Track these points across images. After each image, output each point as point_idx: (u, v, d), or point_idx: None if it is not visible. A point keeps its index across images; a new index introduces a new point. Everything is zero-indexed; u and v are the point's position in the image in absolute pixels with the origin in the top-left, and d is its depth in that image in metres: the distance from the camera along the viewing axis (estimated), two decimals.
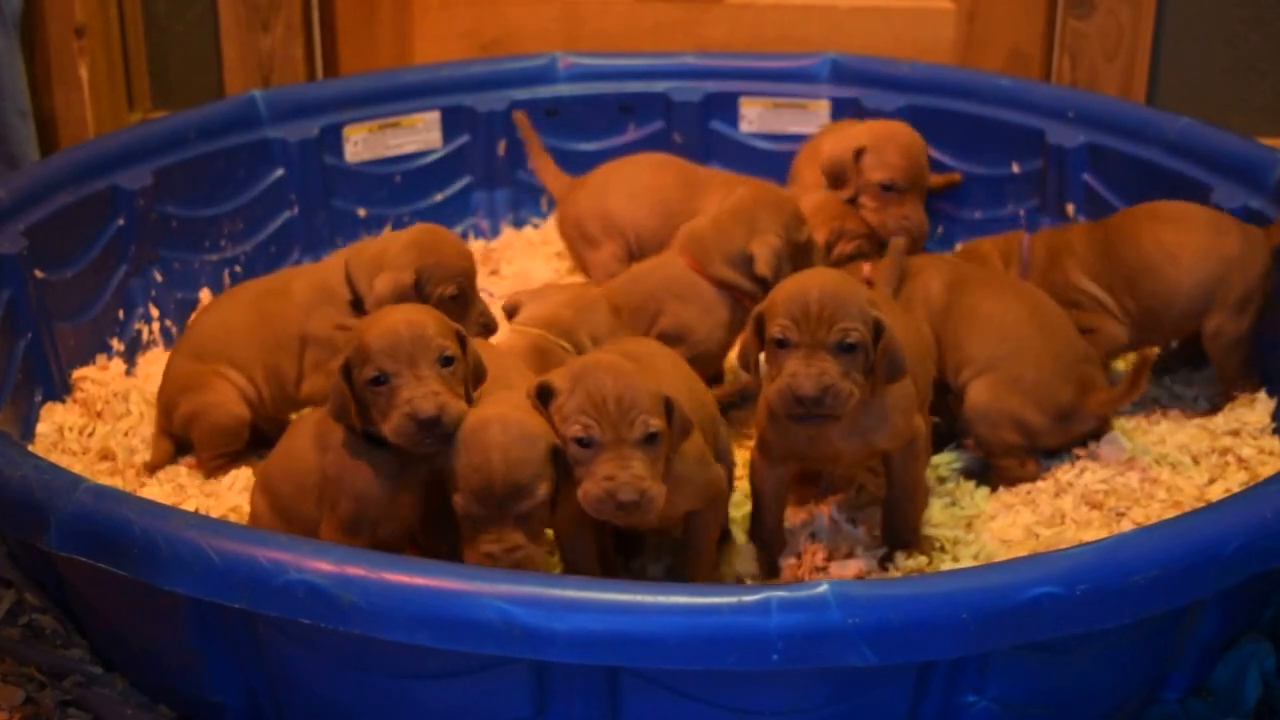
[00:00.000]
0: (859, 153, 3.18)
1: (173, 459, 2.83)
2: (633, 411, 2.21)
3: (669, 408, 2.25)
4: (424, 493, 2.33)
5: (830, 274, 2.43)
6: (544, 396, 2.26)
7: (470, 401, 2.29)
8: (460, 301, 2.62)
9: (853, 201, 3.20)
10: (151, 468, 2.81)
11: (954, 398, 2.84)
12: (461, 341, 2.30)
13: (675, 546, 2.56)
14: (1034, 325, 2.80)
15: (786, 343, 2.33)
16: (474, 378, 2.33)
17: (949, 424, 2.85)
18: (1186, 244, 2.91)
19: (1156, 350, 2.74)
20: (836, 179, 3.22)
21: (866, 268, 3.03)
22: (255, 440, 2.86)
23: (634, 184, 3.31)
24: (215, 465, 2.80)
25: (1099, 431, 2.83)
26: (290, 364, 2.79)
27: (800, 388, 2.30)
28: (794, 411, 2.33)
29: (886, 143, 3.19)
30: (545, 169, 3.48)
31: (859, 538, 2.61)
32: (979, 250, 3.15)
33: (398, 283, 2.60)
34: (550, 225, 3.72)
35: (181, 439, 2.84)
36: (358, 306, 2.69)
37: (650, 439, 2.22)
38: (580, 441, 2.22)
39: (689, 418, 2.30)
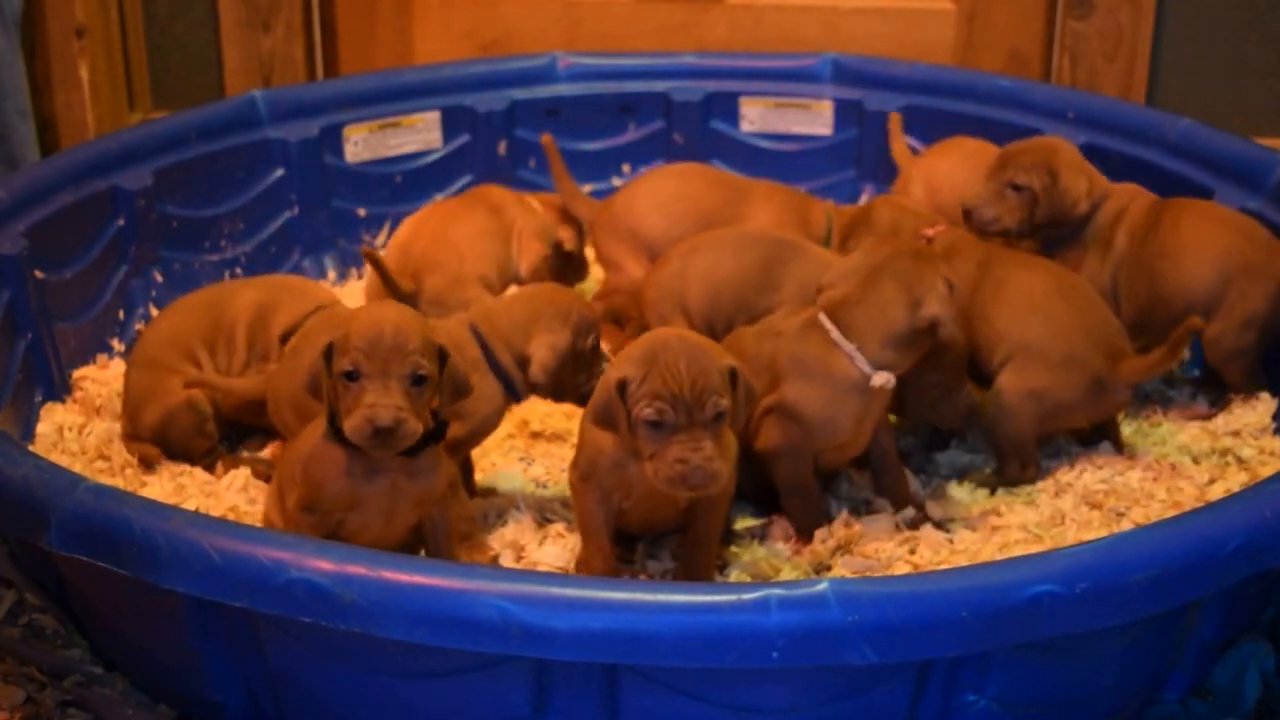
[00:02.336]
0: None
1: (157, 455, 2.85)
2: (705, 394, 2.25)
3: (734, 378, 2.31)
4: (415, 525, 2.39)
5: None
6: (621, 388, 2.30)
7: (434, 421, 2.33)
8: (595, 350, 2.66)
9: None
10: (146, 462, 2.82)
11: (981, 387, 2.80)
12: (442, 360, 2.32)
13: (675, 544, 2.57)
14: (1062, 296, 2.77)
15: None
16: (454, 393, 2.35)
17: (946, 424, 2.83)
18: (1212, 238, 2.90)
19: (1200, 321, 2.68)
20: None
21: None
22: (243, 433, 2.89)
23: (661, 194, 3.23)
24: (207, 462, 2.82)
25: (1110, 430, 2.83)
26: (232, 359, 2.84)
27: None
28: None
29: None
30: (573, 196, 3.38)
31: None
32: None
33: (557, 347, 2.59)
34: None
35: (158, 446, 2.84)
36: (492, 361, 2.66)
37: (719, 418, 2.27)
38: (653, 424, 2.27)
39: (754, 386, 2.37)
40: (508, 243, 3.24)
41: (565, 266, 3.42)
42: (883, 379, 2.51)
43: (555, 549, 2.57)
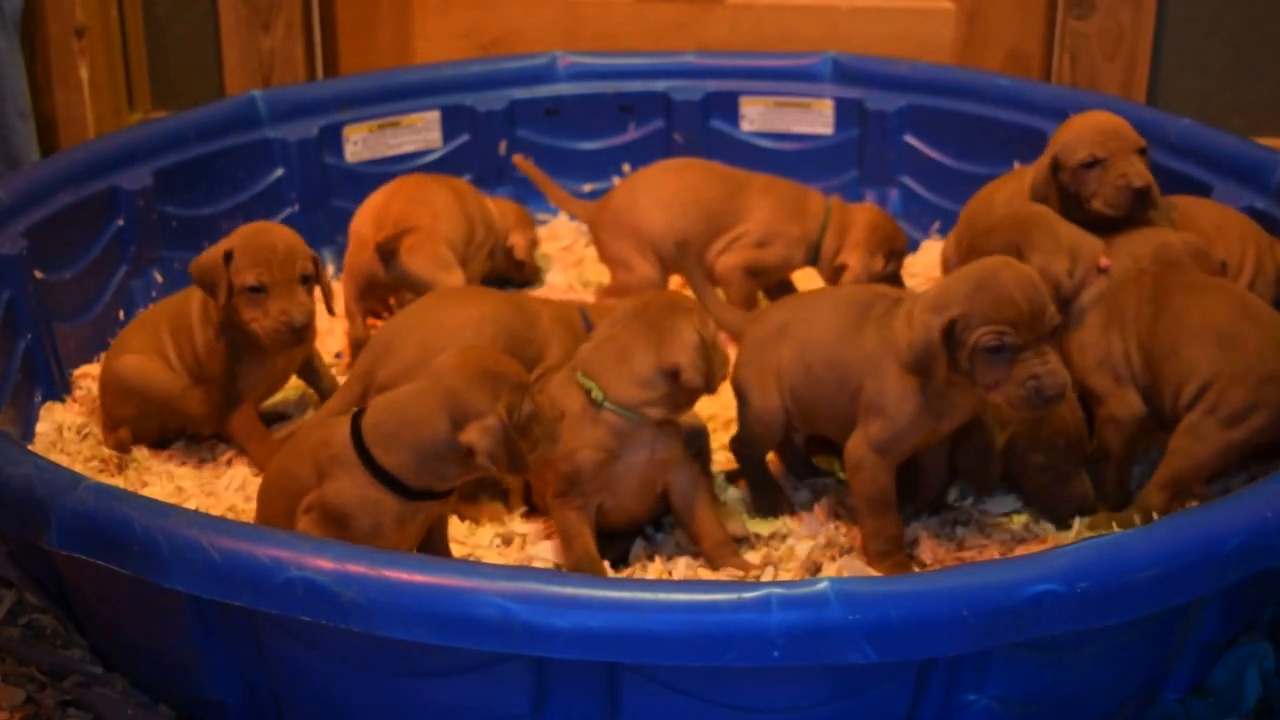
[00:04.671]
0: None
1: (132, 440, 2.87)
2: (1042, 308, 2.32)
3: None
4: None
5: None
6: (949, 329, 2.33)
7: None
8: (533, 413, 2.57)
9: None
10: (120, 448, 2.84)
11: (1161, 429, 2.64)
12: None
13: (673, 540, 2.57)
14: (1247, 318, 2.58)
15: None
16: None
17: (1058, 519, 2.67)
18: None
19: None
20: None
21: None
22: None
23: (661, 190, 3.24)
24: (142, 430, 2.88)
25: None
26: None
27: None
28: None
29: None
30: (566, 202, 3.39)
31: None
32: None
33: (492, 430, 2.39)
34: (553, 222, 3.74)
35: (123, 422, 2.86)
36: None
37: (1055, 330, 2.34)
38: (993, 350, 2.31)
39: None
40: (471, 226, 3.26)
41: (515, 272, 3.47)
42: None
43: (550, 549, 2.57)
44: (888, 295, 2.55)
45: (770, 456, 2.75)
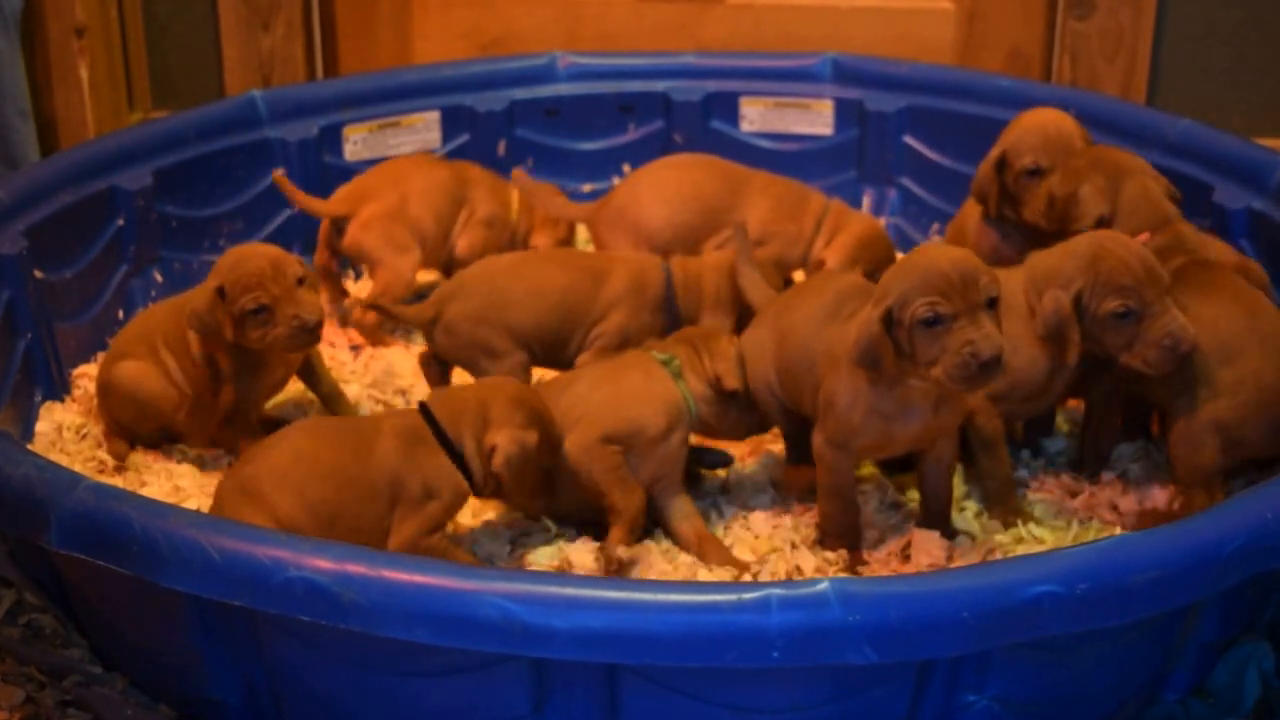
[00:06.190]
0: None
1: (131, 446, 2.87)
2: (974, 275, 2.33)
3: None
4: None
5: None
6: (888, 317, 2.36)
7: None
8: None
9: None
10: (117, 457, 2.83)
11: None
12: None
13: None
14: (1254, 334, 2.56)
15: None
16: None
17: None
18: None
19: None
20: None
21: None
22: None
23: (663, 187, 3.24)
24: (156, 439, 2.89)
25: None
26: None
27: None
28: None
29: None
30: (564, 207, 3.38)
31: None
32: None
33: (524, 444, 2.50)
34: None
35: (130, 430, 2.87)
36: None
37: (993, 301, 2.35)
38: (927, 323, 2.32)
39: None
40: (457, 209, 3.31)
41: None
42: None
43: (550, 550, 2.57)
44: (865, 294, 2.54)
45: None
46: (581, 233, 3.59)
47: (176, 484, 2.75)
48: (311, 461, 2.40)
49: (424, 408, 2.49)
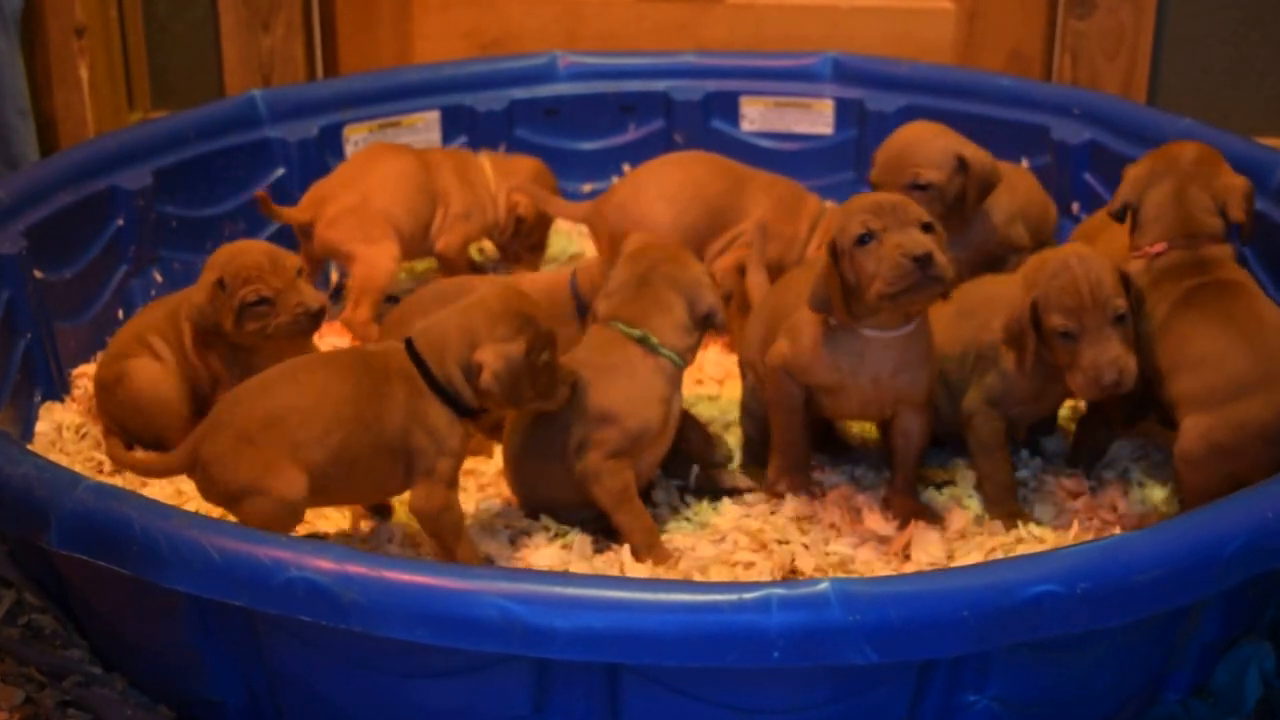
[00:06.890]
0: None
1: (129, 447, 2.85)
2: (1104, 297, 2.49)
3: (1127, 282, 2.56)
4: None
5: None
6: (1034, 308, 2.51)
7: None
8: (550, 366, 2.60)
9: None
10: (115, 458, 2.82)
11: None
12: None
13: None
14: (1253, 359, 2.50)
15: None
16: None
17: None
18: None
19: None
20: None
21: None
22: None
23: (666, 184, 3.21)
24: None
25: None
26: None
27: None
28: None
29: None
30: (564, 209, 3.36)
31: None
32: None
33: (510, 357, 2.52)
34: (557, 223, 3.73)
35: (133, 434, 2.86)
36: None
37: (1121, 319, 2.50)
38: (1063, 335, 2.47)
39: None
40: (426, 195, 3.31)
41: (521, 244, 3.49)
42: None
43: (550, 550, 2.56)
44: None
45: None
46: (583, 232, 3.59)
47: (177, 484, 2.75)
48: (338, 402, 2.40)
49: (409, 345, 2.47)
